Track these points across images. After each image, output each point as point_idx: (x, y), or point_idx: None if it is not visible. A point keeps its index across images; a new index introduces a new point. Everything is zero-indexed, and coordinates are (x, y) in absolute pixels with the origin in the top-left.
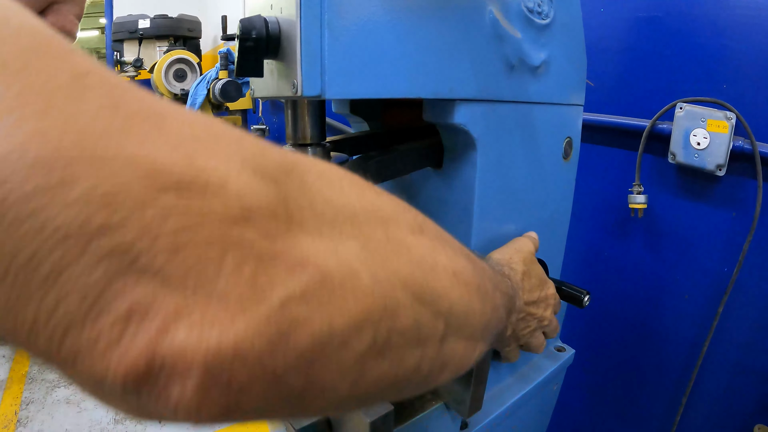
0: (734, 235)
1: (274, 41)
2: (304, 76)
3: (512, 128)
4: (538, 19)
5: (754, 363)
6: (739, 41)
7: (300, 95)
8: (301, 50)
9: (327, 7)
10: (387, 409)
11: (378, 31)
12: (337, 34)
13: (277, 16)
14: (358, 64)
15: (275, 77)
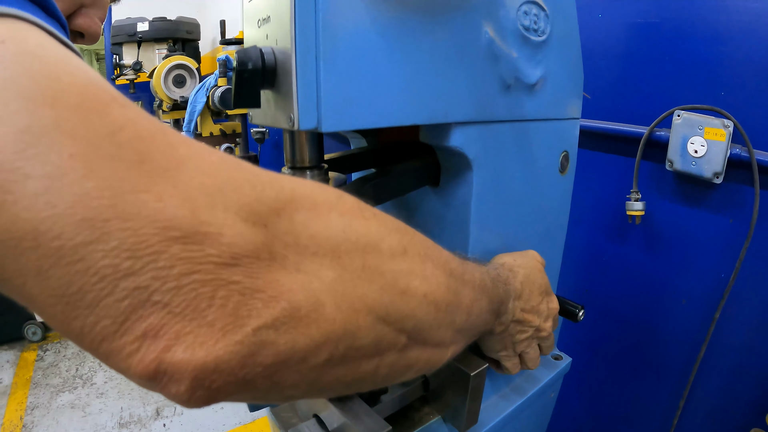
0: (731, 241)
1: (270, 72)
2: (300, 110)
3: (508, 146)
4: (534, 36)
5: (751, 367)
6: (737, 49)
7: (297, 129)
8: (297, 84)
9: (322, 40)
10: (385, 428)
11: (373, 61)
12: (332, 66)
13: (272, 47)
14: (353, 95)
15: (272, 107)
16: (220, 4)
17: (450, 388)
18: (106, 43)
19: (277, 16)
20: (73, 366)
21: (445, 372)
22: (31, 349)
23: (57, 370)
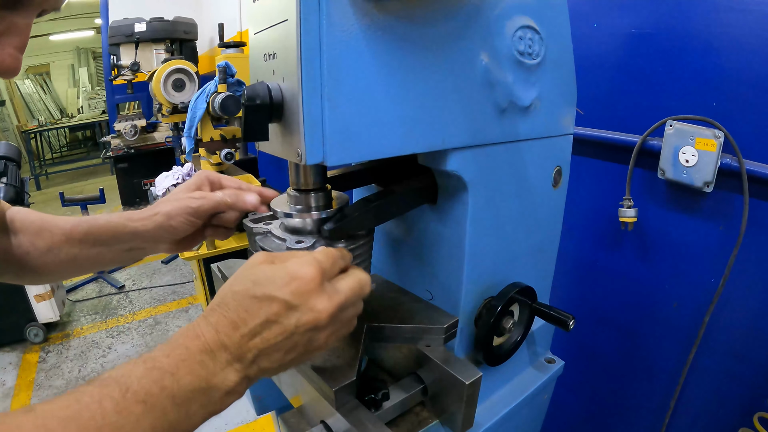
0: (721, 247)
1: (278, 107)
2: (307, 147)
3: (502, 167)
4: (528, 59)
5: (740, 370)
6: (729, 60)
7: (304, 163)
8: (303, 122)
9: (327, 80)
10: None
11: (374, 97)
12: (336, 105)
13: (279, 84)
14: (356, 130)
15: (279, 139)
16: (218, 4)
17: (447, 395)
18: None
19: (283, 55)
20: (75, 367)
21: (442, 380)
22: (33, 350)
23: (60, 371)
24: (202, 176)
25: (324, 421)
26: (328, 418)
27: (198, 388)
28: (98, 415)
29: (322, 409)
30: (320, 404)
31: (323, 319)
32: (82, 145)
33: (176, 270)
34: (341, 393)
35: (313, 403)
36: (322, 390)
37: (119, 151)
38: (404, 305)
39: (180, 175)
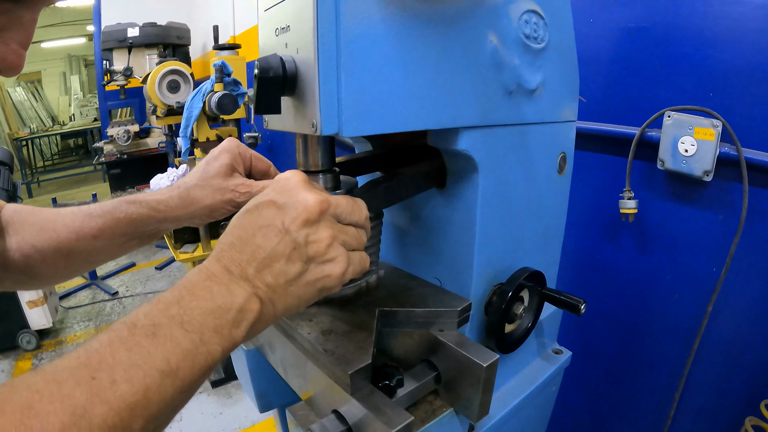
0: (722, 237)
1: (291, 80)
2: (323, 117)
3: (510, 149)
4: (534, 44)
5: (743, 359)
6: (724, 51)
7: (319, 134)
8: (319, 92)
9: (343, 51)
10: (407, 420)
11: (388, 70)
12: (352, 76)
13: (293, 56)
14: (371, 103)
15: (291, 113)
16: (210, 10)
17: (462, 381)
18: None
19: (297, 27)
20: None
21: (457, 365)
22: (26, 358)
23: None
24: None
25: (336, 410)
26: (341, 406)
27: (206, 310)
28: (108, 356)
29: (334, 398)
30: (332, 392)
31: (314, 211)
32: (74, 153)
33: (170, 276)
34: (356, 377)
35: (324, 392)
36: (335, 375)
37: (112, 156)
38: (415, 290)
39: (175, 176)
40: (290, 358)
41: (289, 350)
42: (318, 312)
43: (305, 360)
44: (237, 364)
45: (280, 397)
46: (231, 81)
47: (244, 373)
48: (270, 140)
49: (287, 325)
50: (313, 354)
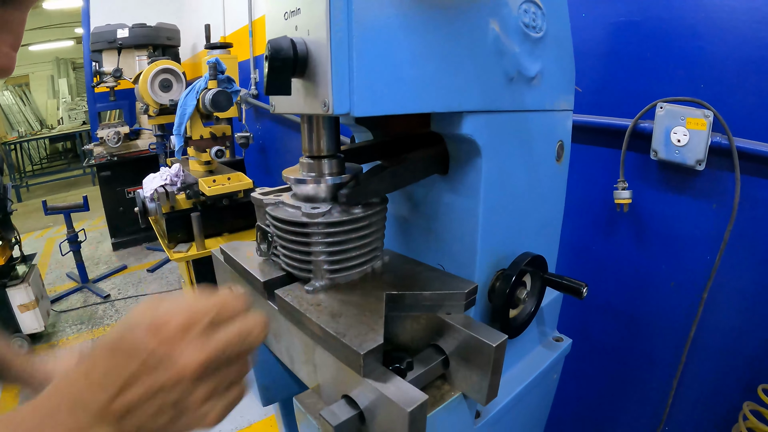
0: (715, 225)
1: (302, 61)
2: (334, 96)
3: (511, 135)
4: (533, 32)
5: (740, 344)
6: (714, 44)
7: (331, 113)
8: (332, 72)
9: (354, 32)
10: (422, 398)
11: (398, 52)
12: (363, 57)
13: (303, 38)
14: (380, 83)
15: (301, 95)
16: (201, 11)
17: (472, 363)
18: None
19: (308, 9)
20: None
21: (466, 347)
22: None
23: None
24: None
25: (346, 395)
26: (352, 390)
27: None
28: None
29: (344, 382)
30: (342, 376)
31: (187, 375)
32: (63, 157)
33: (162, 278)
34: (369, 358)
35: (333, 377)
36: (347, 358)
37: (102, 159)
38: (421, 274)
39: (168, 176)
40: (297, 346)
41: (296, 337)
42: (326, 298)
43: (314, 346)
44: None
45: (283, 390)
46: (225, 78)
47: None
48: (261, 139)
49: (295, 311)
50: (323, 338)
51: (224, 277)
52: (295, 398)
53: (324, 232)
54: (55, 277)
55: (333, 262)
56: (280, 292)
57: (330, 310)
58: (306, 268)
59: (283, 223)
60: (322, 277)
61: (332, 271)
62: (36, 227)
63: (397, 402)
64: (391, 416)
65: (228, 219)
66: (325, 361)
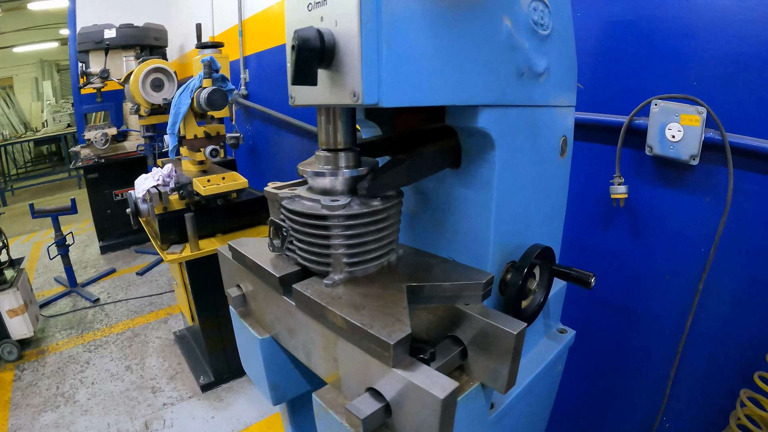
0: (709, 218)
1: (329, 52)
2: (365, 86)
3: (521, 129)
4: (541, 30)
5: (735, 333)
6: (706, 42)
7: (360, 103)
8: (362, 62)
9: (384, 24)
10: (453, 385)
11: (422, 45)
12: (392, 48)
13: (330, 29)
14: (407, 75)
15: (326, 86)
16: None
17: (491, 351)
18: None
19: (337, 0)
20: (53, 384)
21: (485, 336)
22: (8, 369)
23: (36, 389)
24: None
25: (371, 387)
26: (377, 382)
27: None
28: None
29: (368, 374)
30: (367, 368)
31: None
32: (47, 160)
33: (152, 281)
34: (399, 348)
35: (356, 370)
36: (374, 349)
37: (89, 161)
38: (437, 266)
39: (160, 176)
40: (316, 341)
41: (315, 332)
42: (346, 291)
43: (335, 339)
44: (247, 355)
45: (293, 388)
46: (219, 77)
47: (256, 364)
48: (252, 141)
49: (317, 304)
50: (347, 330)
51: (231, 275)
52: (315, 394)
53: (344, 224)
54: (43, 282)
55: (352, 255)
56: (299, 287)
57: (352, 303)
58: (324, 262)
59: (302, 217)
60: (341, 270)
61: (351, 264)
62: (22, 231)
63: (429, 390)
64: (422, 405)
65: (221, 219)
66: (348, 354)
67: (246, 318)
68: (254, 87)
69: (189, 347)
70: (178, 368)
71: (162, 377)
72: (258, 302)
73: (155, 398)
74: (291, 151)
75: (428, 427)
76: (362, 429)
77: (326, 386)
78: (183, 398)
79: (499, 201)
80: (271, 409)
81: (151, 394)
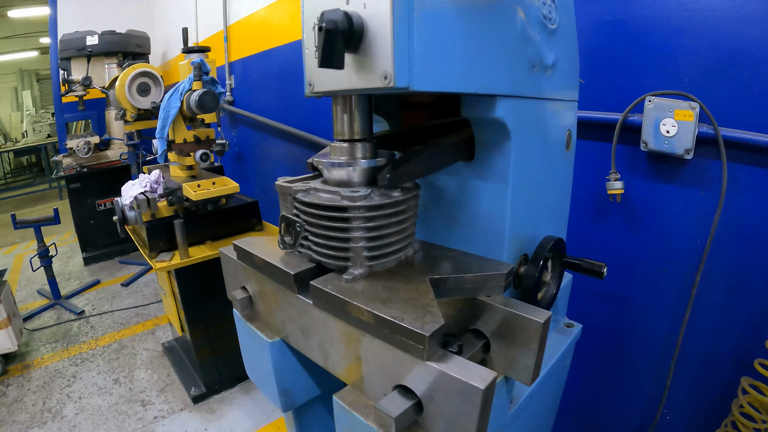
0: (704, 210)
1: (358, 35)
2: (396, 69)
3: (533, 121)
4: (549, 24)
5: (733, 324)
6: (697, 40)
7: (393, 86)
8: (393, 45)
9: (415, 8)
10: (492, 375)
11: (449, 32)
12: (422, 32)
13: (358, 12)
14: (436, 61)
15: (352, 70)
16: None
17: (516, 342)
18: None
19: None
20: (39, 399)
21: (510, 327)
22: None
23: (23, 405)
24: None
25: (400, 385)
26: (408, 377)
27: None
28: None
29: (398, 370)
30: (396, 364)
31: None
32: (27, 171)
33: (138, 292)
34: (433, 340)
35: (384, 366)
36: (405, 343)
37: (71, 170)
38: (456, 258)
39: (148, 182)
40: (336, 339)
41: (334, 330)
42: (367, 285)
43: (359, 336)
44: (254, 361)
45: (303, 394)
46: (209, 80)
47: (265, 369)
48: (237, 148)
49: (339, 300)
50: (375, 325)
51: (236, 276)
52: (335, 396)
53: (365, 216)
54: (26, 294)
55: (373, 248)
56: (317, 283)
57: (377, 297)
58: (343, 257)
59: (320, 209)
60: (360, 264)
61: (371, 257)
62: (3, 243)
63: (468, 381)
64: (460, 398)
65: (211, 226)
66: (374, 351)
67: (252, 321)
68: (240, 93)
69: (178, 358)
70: (168, 380)
71: (152, 390)
72: (267, 303)
73: (145, 411)
74: (277, 158)
75: (465, 421)
76: (394, 428)
77: (346, 387)
78: (174, 411)
79: (515, 192)
80: (265, 419)
81: (141, 407)
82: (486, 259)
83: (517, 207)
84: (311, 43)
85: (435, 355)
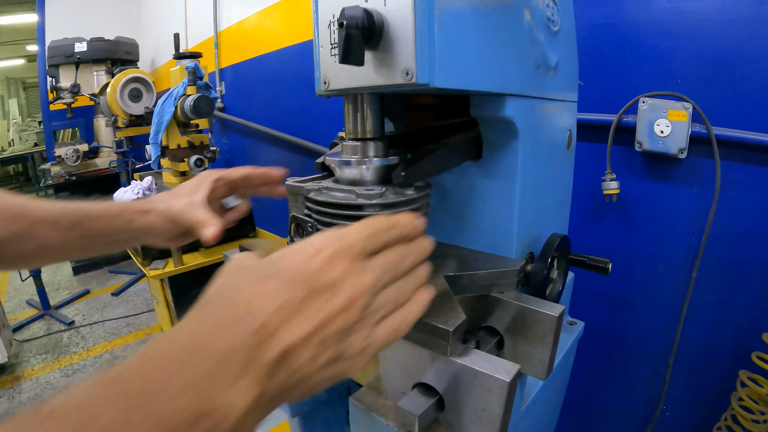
0: (698, 209)
1: (378, 32)
2: (418, 65)
3: (539, 121)
4: (552, 26)
5: (729, 319)
6: (689, 42)
7: (414, 82)
8: (416, 41)
9: (436, 5)
10: (516, 367)
11: (467, 29)
12: (443, 29)
13: (377, 8)
14: (455, 58)
15: (371, 67)
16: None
17: (530, 338)
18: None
19: None
20: None
21: (524, 322)
22: None
23: None
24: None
25: (419, 383)
26: (429, 374)
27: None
28: None
29: (418, 368)
30: (417, 361)
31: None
32: (14, 181)
33: (128, 301)
34: (456, 335)
35: (404, 364)
36: (428, 338)
37: (60, 178)
38: (467, 256)
39: (140, 189)
40: None
41: None
42: None
43: None
44: None
45: (311, 398)
46: (203, 85)
47: None
48: (228, 155)
49: None
50: None
51: None
52: (352, 398)
53: (381, 214)
54: (15, 305)
55: None
56: None
57: None
58: None
59: (335, 208)
60: None
61: None
62: None
63: (493, 374)
64: (485, 391)
65: None
66: (393, 349)
67: None
68: (231, 99)
69: None
70: None
71: None
72: None
73: None
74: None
75: (490, 415)
76: (417, 427)
77: (362, 389)
78: None
79: (523, 190)
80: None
81: None
82: (496, 257)
83: (525, 205)
84: (326, 41)
85: (457, 350)
